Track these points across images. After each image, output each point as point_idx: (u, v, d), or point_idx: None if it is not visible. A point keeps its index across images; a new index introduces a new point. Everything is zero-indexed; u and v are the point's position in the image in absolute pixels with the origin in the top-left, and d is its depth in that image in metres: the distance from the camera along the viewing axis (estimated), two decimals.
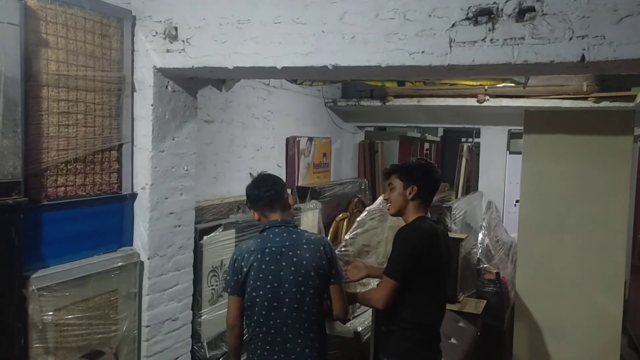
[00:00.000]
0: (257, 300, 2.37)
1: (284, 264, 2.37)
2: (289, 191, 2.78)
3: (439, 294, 2.51)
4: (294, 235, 2.44)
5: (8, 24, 2.12)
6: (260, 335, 2.39)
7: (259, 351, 2.39)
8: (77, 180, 2.55)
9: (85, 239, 2.62)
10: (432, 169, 2.63)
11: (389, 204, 2.60)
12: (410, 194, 2.50)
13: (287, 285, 2.35)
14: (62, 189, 2.49)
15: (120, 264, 2.72)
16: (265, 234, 2.48)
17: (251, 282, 2.38)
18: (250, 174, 2.76)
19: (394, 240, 2.43)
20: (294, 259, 2.37)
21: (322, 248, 2.41)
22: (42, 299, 2.33)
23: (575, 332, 2.90)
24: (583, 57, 2.04)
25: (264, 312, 2.37)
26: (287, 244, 2.40)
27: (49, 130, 2.39)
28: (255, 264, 2.38)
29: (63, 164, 2.47)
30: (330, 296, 2.44)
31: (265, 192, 2.51)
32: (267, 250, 2.40)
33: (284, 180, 5.07)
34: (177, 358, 3.12)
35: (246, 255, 2.42)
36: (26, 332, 2.28)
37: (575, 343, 2.91)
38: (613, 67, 2.22)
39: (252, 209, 2.58)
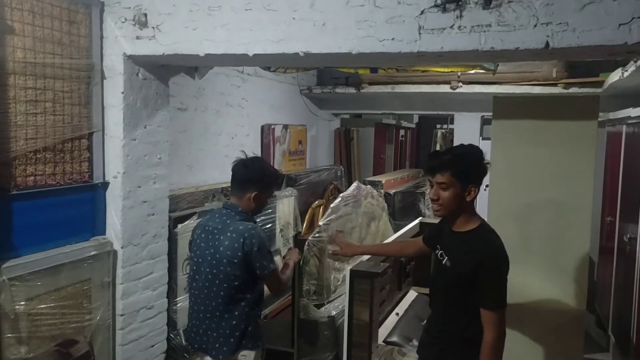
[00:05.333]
0: (189, 267, 2.74)
1: (210, 244, 2.57)
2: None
3: None
4: (228, 221, 2.57)
5: None
6: (189, 298, 2.72)
7: (188, 311, 2.72)
8: (46, 169, 2.53)
9: (56, 228, 2.60)
10: (482, 157, 2.19)
11: (438, 206, 2.19)
12: (469, 195, 2.13)
13: (205, 264, 2.57)
14: (32, 178, 2.47)
15: (92, 253, 2.71)
16: (215, 212, 2.72)
17: (190, 252, 2.74)
18: (243, 152, 2.76)
19: (493, 264, 2.08)
20: (216, 243, 2.54)
21: (241, 240, 2.46)
22: (13, 289, 2.32)
23: (541, 311, 2.99)
24: (547, 44, 2.09)
25: (189, 280, 2.71)
26: (219, 227, 2.57)
27: (17, 118, 2.36)
28: (196, 237, 2.69)
29: (32, 153, 2.45)
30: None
31: (234, 173, 2.67)
32: (207, 228, 2.63)
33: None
34: (153, 346, 3.13)
35: (197, 229, 2.71)
36: None
37: (541, 321, 3.00)
38: (576, 54, 2.28)
39: None
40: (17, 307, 2.34)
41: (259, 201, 2.63)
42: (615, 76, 3.98)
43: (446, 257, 2.23)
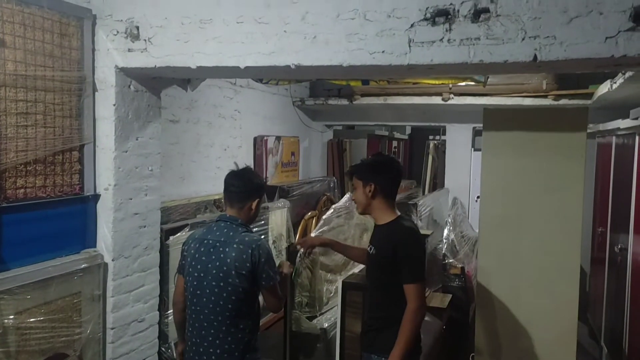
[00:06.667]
0: (188, 285, 2.55)
1: (213, 257, 2.48)
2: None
3: None
4: (231, 233, 2.51)
5: None
6: (188, 316, 2.57)
7: (187, 329, 2.59)
8: (37, 181, 2.52)
9: (46, 241, 2.59)
10: (388, 163, 2.62)
11: (356, 204, 2.64)
12: (369, 191, 2.50)
13: (209, 278, 2.47)
14: (22, 190, 2.45)
15: (83, 265, 2.69)
16: (213, 225, 2.59)
17: (187, 267, 2.56)
18: (235, 163, 2.72)
19: (407, 244, 2.41)
20: (221, 255, 2.46)
21: (249, 251, 2.43)
22: (2, 302, 2.30)
23: (534, 322, 3.00)
24: (535, 57, 2.11)
25: (190, 297, 2.54)
26: (222, 239, 2.50)
27: (7, 131, 2.35)
28: (192, 251, 2.55)
29: (22, 166, 2.44)
30: (262, 295, 2.55)
31: (232, 185, 2.58)
32: (205, 241, 2.53)
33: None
34: (144, 359, 3.10)
35: (191, 242, 2.59)
36: None
37: (534, 333, 3.00)
38: (564, 67, 2.30)
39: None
40: (5, 320, 2.32)
41: (258, 209, 2.64)
42: (604, 88, 4.02)
43: (372, 247, 2.55)
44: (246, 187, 2.58)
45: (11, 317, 2.35)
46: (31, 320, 2.45)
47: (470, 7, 2.17)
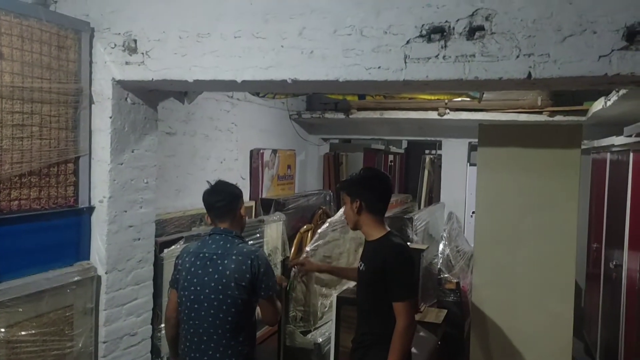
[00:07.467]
0: (184, 299, 2.55)
1: (210, 270, 2.49)
2: (251, 203, 2.86)
3: None
4: (228, 245, 2.53)
5: None
6: (184, 331, 2.55)
7: (182, 345, 2.58)
8: (31, 193, 2.51)
9: (40, 253, 2.57)
10: (376, 179, 2.59)
11: (346, 219, 2.64)
12: (356, 207, 2.49)
13: (207, 291, 2.47)
14: (16, 202, 2.44)
15: (76, 278, 2.67)
16: (207, 238, 2.62)
17: (182, 281, 2.56)
18: (208, 182, 2.78)
19: (395, 260, 2.38)
20: (219, 268, 2.47)
21: (249, 262, 2.46)
22: None
23: (529, 338, 3.00)
24: (529, 74, 2.13)
25: (186, 311, 2.53)
26: (219, 252, 2.52)
27: (2, 143, 2.35)
28: (187, 265, 2.56)
29: (17, 177, 2.43)
30: (260, 307, 2.56)
31: (216, 202, 2.62)
32: (200, 255, 2.55)
33: (248, 191, 5.07)
34: None
35: (185, 256, 2.61)
36: None
37: (529, 349, 3.00)
38: (558, 84, 2.33)
39: (207, 214, 2.71)
40: None
41: (245, 213, 2.72)
42: (598, 105, 4.06)
43: (362, 264, 2.53)
44: (231, 198, 2.65)
45: (2, 330, 2.32)
46: (22, 333, 2.42)
47: (466, 24, 2.19)
